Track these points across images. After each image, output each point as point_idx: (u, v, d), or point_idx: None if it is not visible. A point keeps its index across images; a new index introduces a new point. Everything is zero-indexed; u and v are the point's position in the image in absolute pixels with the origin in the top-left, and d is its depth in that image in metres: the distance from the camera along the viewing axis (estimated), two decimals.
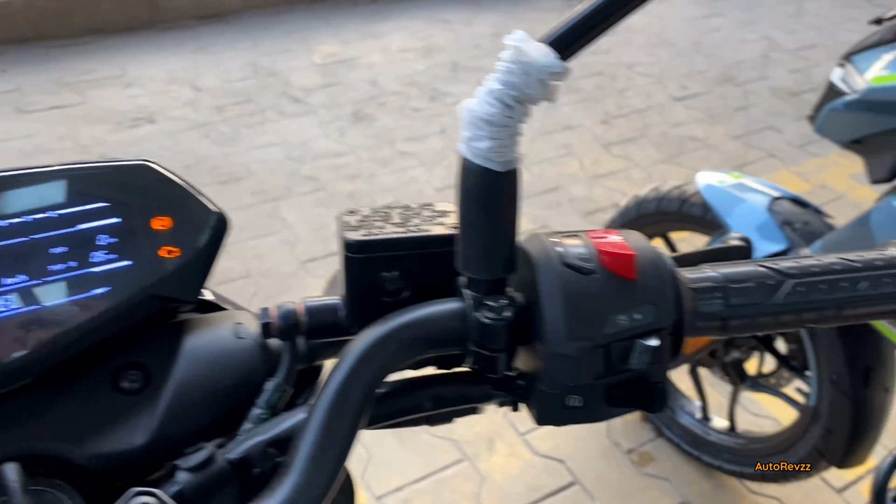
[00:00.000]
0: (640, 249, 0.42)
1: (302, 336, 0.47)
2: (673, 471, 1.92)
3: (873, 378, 1.48)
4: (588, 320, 0.40)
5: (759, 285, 0.43)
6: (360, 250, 0.45)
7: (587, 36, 0.37)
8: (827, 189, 3.04)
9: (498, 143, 0.38)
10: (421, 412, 0.47)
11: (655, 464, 1.93)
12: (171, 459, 0.45)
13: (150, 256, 0.47)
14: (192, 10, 3.98)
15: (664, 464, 1.93)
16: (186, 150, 3.02)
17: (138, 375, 0.47)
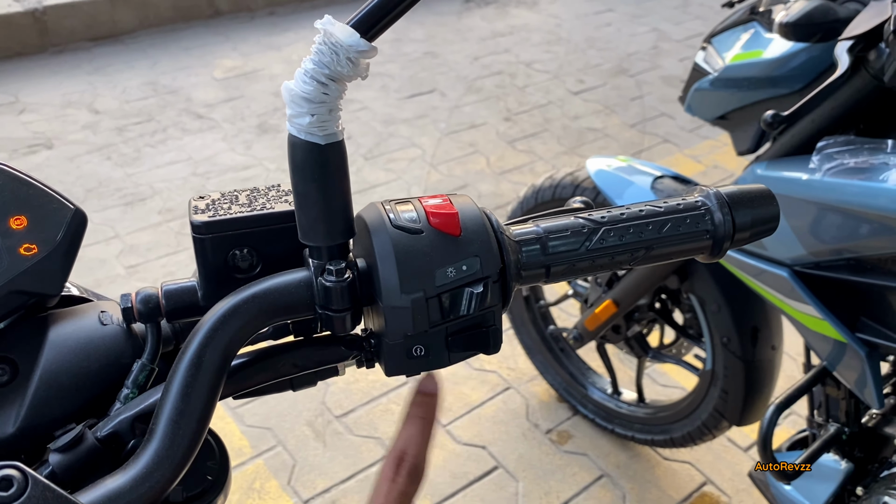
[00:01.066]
0: (463, 208, 0.46)
1: (163, 318, 0.50)
2: (590, 446, 1.99)
3: (760, 337, 1.58)
4: (418, 274, 0.44)
5: (574, 234, 0.48)
6: (207, 230, 0.48)
7: (387, 17, 0.41)
8: (719, 168, 3.20)
9: (318, 118, 0.41)
10: (282, 377, 0.50)
11: (573, 441, 2.00)
12: (42, 444, 0.47)
13: (9, 255, 0.48)
14: (85, 32, 3.88)
15: (581, 440, 2.01)
16: (88, 173, 2.95)
17: (6, 369, 0.48)
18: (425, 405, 0.50)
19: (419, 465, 0.48)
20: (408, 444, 0.49)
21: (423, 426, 0.50)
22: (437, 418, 0.51)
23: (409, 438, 0.49)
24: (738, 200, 0.51)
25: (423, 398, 0.50)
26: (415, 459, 0.48)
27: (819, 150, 1.15)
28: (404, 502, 0.47)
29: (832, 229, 1.16)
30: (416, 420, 0.50)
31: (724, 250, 0.51)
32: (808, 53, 1.26)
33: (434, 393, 0.51)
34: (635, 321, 1.80)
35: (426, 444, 0.50)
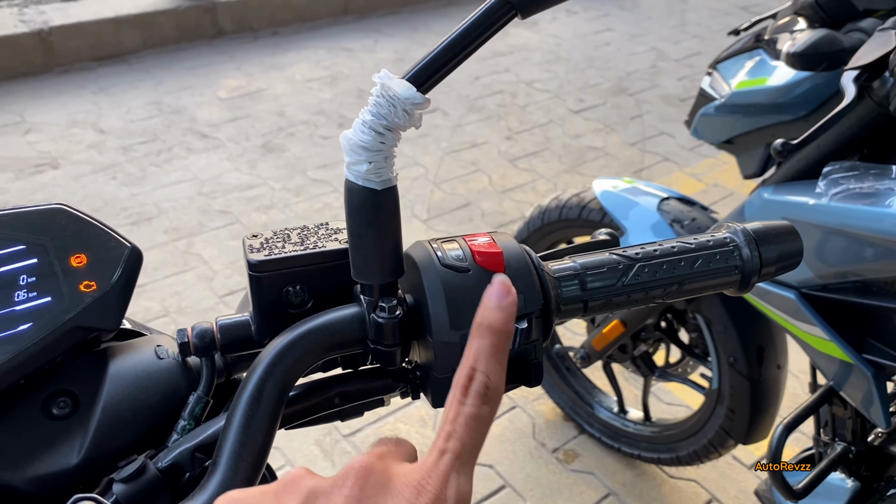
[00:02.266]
0: (507, 247, 0.49)
1: (217, 352, 0.52)
2: (597, 464, 2.01)
3: (766, 357, 1.60)
4: (467, 311, 0.46)
5: (611, 270, 0.51)
6: (263, 269, 0.51)
7: (441, 71, 0.44)
8: (719, 187, 3.24)
9: (374, 166, 0.44)
10: (332, 409, 0.53)
11: (580, 459, 2.02)
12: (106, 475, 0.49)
13: (69, 292, 0.51)
14: (89, 52, 3.92)
15: (588, 459, 2.02)
16: (93, 193, 2.97)
17: (67, 402, 0.50)
18: (498, 312, 0.43)
19: (493, 384, 0.41)
20: (477, 360, 0.42)
21: (494, 337, 0.42)
22: (511, 328, 0.43)
23: (478, 352, 0.42)
24: (764, 237, 0.54)
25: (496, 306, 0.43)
26: (486, 377, 0.41)
27: (825, 175, 1.18)
28: (479, 427, 0.40)
29: (838, 253, 1.19)
30: (483, 332, 0.42)
31: (752, 285, 0.54)
32: (812, 81, 1.29)
33: (510, 301, 0.43)
34: (642, 340, 1.82)
35: (500, 359, 0.42)
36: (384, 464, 0.38)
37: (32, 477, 0.48)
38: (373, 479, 0.37)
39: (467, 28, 0.44)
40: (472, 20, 0.44)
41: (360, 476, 0.37)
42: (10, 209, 0.51)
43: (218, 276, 2.58)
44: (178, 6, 4.14)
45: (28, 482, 0.48)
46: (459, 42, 0.44)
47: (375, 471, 0.37)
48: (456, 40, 0.44)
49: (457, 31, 0.44)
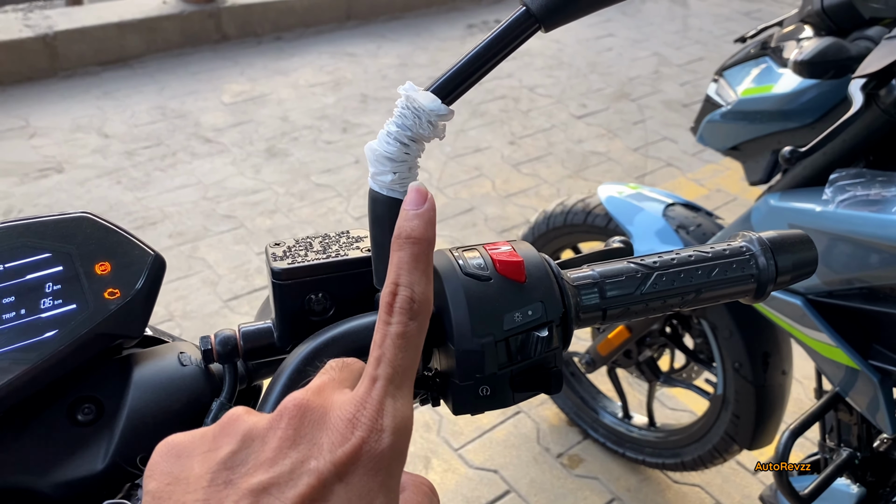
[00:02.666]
0: (527, 256, 0.49)
1: (240, 358, 0.53)
2: (601, 469, 2.01)
3: (771, 363, 1.61)
4: (488, 319, 0.47)
5: (629, 279, 0.51)
6: (287, 277, 0.51)
7: (465, 84, 0.45)
8: (722, 192, 3.24)
9: (399, 176, 0.45)
10: None
11: (584, 464, 2.02)
12: (130, 480, 0.49)
13: (94, 299, 0.51)
14: (94, 57, 3.93)
15: (592, 464, 2.03)
16: (98, 197, 2.98)
17: (91, 408, 0.51)
18: (416, 220, 0.41)
19: (418, 296, 0.39)
20: (399, 274, 0.39)
21: (414, 247, 0.40)
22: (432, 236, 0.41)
23: (399, 266, 0.40)
24: (780, 245, 0.54)
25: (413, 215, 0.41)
26: (409, 290, 0.39)
27: (832, 182, 1.18)
28: (409, 345, 0.38)
29: (845, 259, 1.19)
30: (403, 242, 0.40)
31: (768, 293, 0.54)
32: (818, 89, 1.30)
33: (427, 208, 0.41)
34: (647, 346, 1.83)
35: (423, 269, 0.40)
36: (321, 398, 0.37)
37: (58, 482, 0.48)
38: (308, 416, 0.36)
39: (491, 41, 0.45)
40: (496, 34, 0.45)
41: (295, 415, 0.36)
42: (36, 217, 0.52)
43: (222, 280, 2.59)
44: (182, 11, 4.15)
45: (53, 487, 0.48)
46: (483, 55, 0.44)
47: (311, 407, 0.36)
48: (480, 53, 0.44)
49: (481, 44, 0.45)
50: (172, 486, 0.34)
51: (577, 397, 2.09)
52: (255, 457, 0.34)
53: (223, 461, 0.34)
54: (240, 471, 0.34)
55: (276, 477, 0.33)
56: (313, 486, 0.33)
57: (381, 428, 0.35)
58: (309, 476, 0.33)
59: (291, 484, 0.33)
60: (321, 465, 0.34)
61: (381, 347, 0.38)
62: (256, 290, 2.55)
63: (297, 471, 0.34)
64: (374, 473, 0.35)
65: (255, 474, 0.33)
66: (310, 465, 0.34)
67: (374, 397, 0.36)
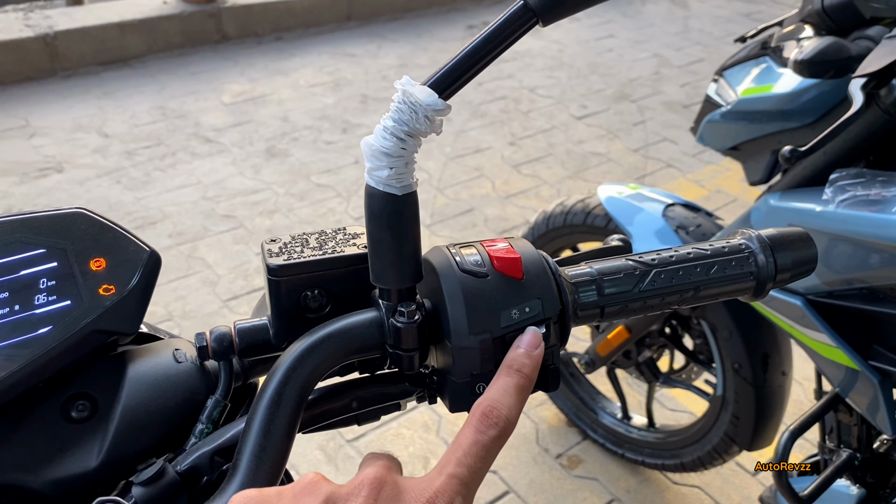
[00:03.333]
0: (525, 253, 0.49)
1: (235, 356, 0.53)
2: (600, 470, 2.01)
3: (771, 363, 1.60)
4: (485, 316, 0.46)
5: (627, 276, 0.51)
6: (282, 273, 0.51)
7: (462, 78, 0.44)
8: (722, 193, 3.24)
9: (395, 171, 0.44)
10: (349, 413, 0.53)
11: (584, 465, 2.02)
12: (124, 478, 0.49)
13: (89, 295, 0.51)
14: (94, 57, 3.93)
15: (592, 465, 2.02)
16: (98, 197, 2.98)
17: (86, 405, 0.51)
18: (528, 358, 0.46)
19: (509, 420, 0.43)
20: (502, 394, 0.44)
21: (521, 379, 0.45)
22: (535, 377, 0.46)
23: (504, 387, 0.45)
24: (779, 243, 0.54)
25: (526, 354, 0.46)
26: (507, 412, 0.43)
27: (832, 182, 1.18)
28: (488, 457, 0.42)
29: (845, 259, 1.19)
30: (511, 373, 0.45)
31: (767, 291, 0.54)
32: (818, 89, 1.29)
33: (539, 353, 0.46)
34: (646, 346, 1.82)
35: (520, 401, 0.45)
36: (393, 477, 0.41)
37: (52, 479, 0.48)
38: (386, 491, 0.39)
39: (488, 35, 0.44)
40: (494, 27, 0.44)
41: (375, 486, 0.39)
42: (31, 213, 0.51)
43: (222, 280, 2.59)
44: (182, 11, 4.15)
45: (47, 485, 0.48)
46: (481, 49, 0.44)
47: (388, 483, 0.40)
48: (477, 47, 0.44)
49: (478, 38, 0.44)
50: None
51: (576, 398, 2.08)
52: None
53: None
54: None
55: None
56: None
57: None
58: None
59: None
60: None
61: (467, 450, 0.42)
62: (256, 291, 2.54)
63: None
64: None
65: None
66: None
67: (449, 491, 0.40)
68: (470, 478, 0.41)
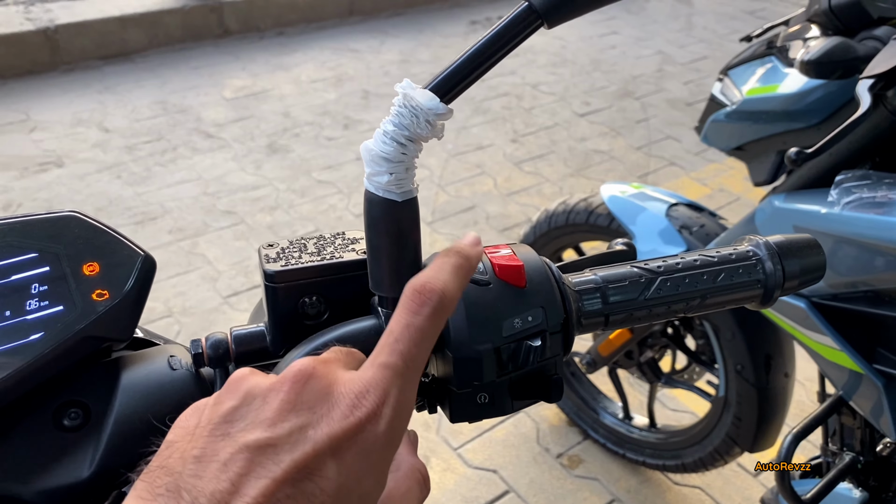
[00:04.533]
0: (528, 260, 0.48)
1: (232, 363, 0.51)
2: (601, 470, 2.00)
3: (773, 365, 1.59)
4: (487, 325, 0.45)
5: (633, 283, 0.50)
6: (280, 279, 0.50)
7: (465, 81, 0.43)
8: (725, 192, 3.23)
9: (396, 177, 0.43)
10: None
11: (584, 465, 2.01)
12: (117, 488, 0.48)
13: (82, 300, 0.50)
14: (95, 51, 3.92)
15: (592, 464, 2.01)
16: (98, 192, 2.97)
17: (78, 413, 0.49)
18: (471, 249, 0.43)
19: (444, 295, 0.39)
20: (438, 272, 0.40)
21: (456, 259, 0.42)
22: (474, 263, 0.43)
23: (441, 266, 0.41)
24: (787, 250, 0.53)
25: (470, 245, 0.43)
26: (441, 286, 0.39)
27: (837, 183, 1.17)
28: (426, 341, 0.39)
29: (849, 262, 1.18)
30: (448, 253, 0.42)
31: (775, 299, 0.53)
32: (825, 89, 1.28)
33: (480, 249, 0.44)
34: (648, 347, 1.81)
35: (457, 279, 0.41)
36: (327, 369, 0.37)
37: (42, 489, 0.47)
38: (311, 384, 0.36)
39: (492, 38, 0.43)
40: (497, 30, 0.43)
41: (298, 380, 0.36)
42: (23, 216, 0.50)
43: (222, 276, 2.58)
44: (184, 6, 4.13)
45: (38, 495, 0.47)
46: (484, 52, 0.43)
47: (315, 376, 0.36)
48: (480, 50, 0.43)
49: (481, 40, 0.43)
50: (180, 438, 0.36)
51: (577, 397, 2.07)
52: (255, 415, 0.35)
53: (223, 415, 0.35)
54: (238, 425, 0.35)
55: (274, 438, 0.34)
56: (308, 455, 0.33)
57: (381, 414, 0.36)
58: (305, 444, 0.34)
59: (288, 448, 0.34)
60: (318, 435, 0.34)
61: (396, 336, 0.38)
62: (256, 287, 2.53)
63: (295, 436, 0.34)
64: (367, 455, 0.35)
65: (252, 431, 0.34)
66: (307, 433, 0.34)
67: (381, 383, 0.37)
68: (405, 366, 0.37)
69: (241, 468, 0.33)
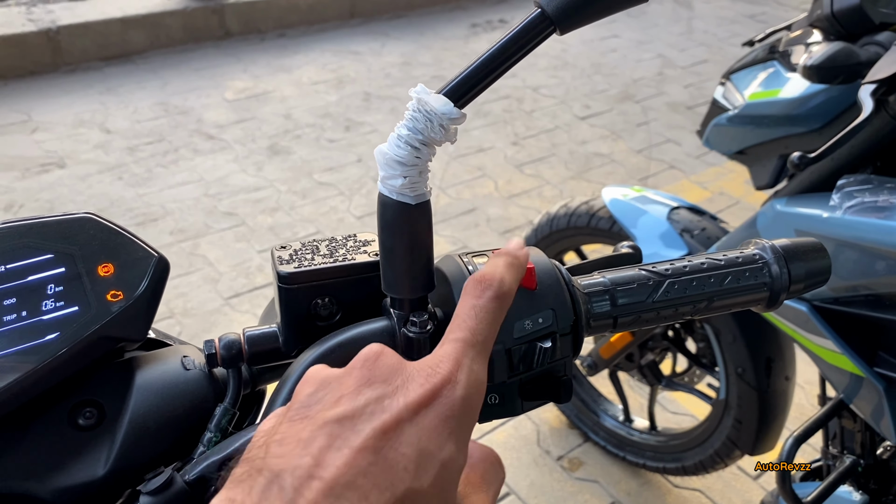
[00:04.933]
0: (538, 262, 0.48)
1: (244, 363, 0.52)
2: (601, 473, 2.00)
3: (774, 368, 1.60)
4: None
5: (641, 286, 0.51)
6: (293, 281, 0.50)
7: (478, 87, 0.44)
8: (725, 195, 3.23)
9: (409, 180, 0.44)
10: None
11: (585, 468, 2.01)
12: (131, 486, 0.48)
13: (97, 301, 0.50)
14: (97, 52, 3.92)
15: (593, 467, 2.02)
16: (99, 193, 2.97)
17: (93, 412, 0.50)
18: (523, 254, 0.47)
19: (503, 282, 0.43)
20: (495, 267, 0.44)
21: (516, 262, 0.45)
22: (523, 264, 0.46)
23: (496, 262, 0.45)
24: (793, 254, 0.53)
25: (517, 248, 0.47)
26: (500, 275, 0.43)
27: (839, 188, 1.17)
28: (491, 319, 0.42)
29: (851, 266, 1.18)
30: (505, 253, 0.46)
31: (780, 302, 0.53)
32: (826, 94, 1.29)
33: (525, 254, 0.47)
34: (649, 349, 1.82)
35: (516, 272, 0.45)
36: (392, 351, 0.39)
37: (58, 488, 0.48)
38: (382, 361, 0.38)
39: (505, 44, 0.44)
40: (510, 36, 0.44)
41: (369, 358, 0.38)
42: (39, 218, 0.51)
43: (223, 277, 2.58)
44: (185, 7, 4.14)
45: (53, 493, 0.47)
46: (497, 57, 0.44)
47: (385, 354, 0.38)
48: (493, 56, 0.44)
49: (494, 46, 0.44)
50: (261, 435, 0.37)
51: (578, 400, 2.08)
52: (332, 394, 0.36)
53: (301, 401, 0.37)
54: (316, 408, 0.36)
55: (352, 410, 0.35)
56: (387, 422, 0.35)
57: (456, 380, 0.38)
58: (383, 413, 0.35)
59: (366, 417, 0.35)
60: (395, 404, 0.36)
61: (463, 317, 0.41)
62: (257, 289, 2.54)
63: (372, 406, 0.35)
64: (445, 420, 0.36)
65: (332, 408, 0.35)
66: (383, 403, 0.36)
67: (453, 353, 0.39)
68: (473, 338, 0.40)
69: (322, 443, 0.34)
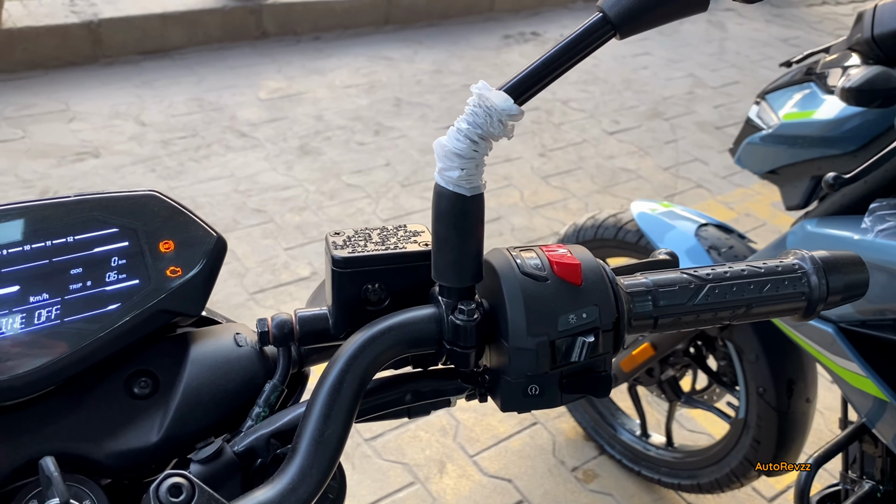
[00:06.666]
0: (585, 260, 0.50)
1: (294, 343, 0.54)
2: (615, 486, 2.00)
3: (796, 390, 1.60)
4: (543, 319, 0.48)
5: (682, 289, 0.52)
6: (347, 266, 0.52)
7: (537, 86, 0.45)
8: (751, 217, 3.22)
9: (466, 173, 0.46)
10: (402, 405, 0.54)
11: (599, 480, 2.02)
12: (181, 455, 0.51)
13: (157, 276, 0.53)
14: (135, 46, 3.99)
15: (607, 480, 2.02)
16: (132, 184, 3.02)
17: (148, 382, 0.52)
18: None
19: None
20: None
21: None
22: None
23: None
24: (832, 265, 0.55)
25: None
26: None
27: (871, 211, 1.18)
28: None
29: (879, 289, 1.18)
30: None
31: (817, 312, 0.55)
32: (863, 117, 1.29)
33: None
34: (670, 365, 1.82)
35: None
36: None
37: (113, 451, 0.50)
38: None
39: (566, 45, 0.46)
40: (572, 38, 0.46)
41: None
42: (107, 193, 0.53)
43: (249, 273, 2.61)
44: (224, 6, 4.21)
45: (108, 456, 0.50)
46: (557, 58, 0.45)
47: None
48: (554, 56, 0.45)
49: (556, 47, 0.46)
50: None
51: (595, 412, 2.08)
52: None
53: None
54: None
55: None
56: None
57: None
58: None
59: None
60: None
61: None
62: (282, 285, 2.57)
63: None
64: None
65: None
66: None
67: None
68: None
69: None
